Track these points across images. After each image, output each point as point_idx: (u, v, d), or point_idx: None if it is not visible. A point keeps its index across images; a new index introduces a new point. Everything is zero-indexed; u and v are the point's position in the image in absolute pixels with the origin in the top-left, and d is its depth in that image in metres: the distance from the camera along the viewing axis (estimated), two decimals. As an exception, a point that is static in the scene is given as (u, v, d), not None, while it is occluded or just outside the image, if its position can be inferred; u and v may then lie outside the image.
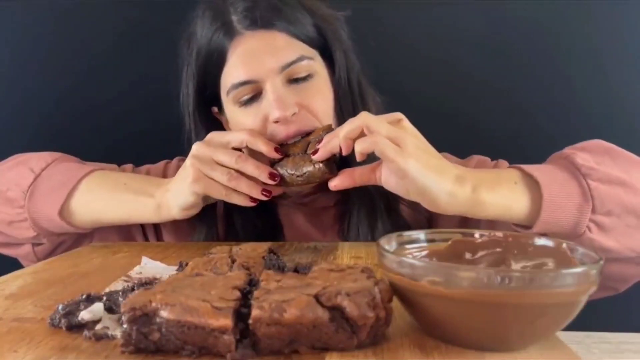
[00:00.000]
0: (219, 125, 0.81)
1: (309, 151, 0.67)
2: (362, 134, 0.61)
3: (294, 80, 0.73)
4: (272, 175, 0.67)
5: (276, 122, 0.71)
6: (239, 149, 0.70)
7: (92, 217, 0.75)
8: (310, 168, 0.66)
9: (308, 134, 0.71)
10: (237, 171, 0.67)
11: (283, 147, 0.70)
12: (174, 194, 0.70)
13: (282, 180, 0.67)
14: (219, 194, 0.68)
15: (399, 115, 0.63)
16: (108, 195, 0.74)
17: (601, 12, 1.11)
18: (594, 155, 0.63)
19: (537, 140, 1.14)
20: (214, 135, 0.70)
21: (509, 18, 1.12)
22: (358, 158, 0.61)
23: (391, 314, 0.37)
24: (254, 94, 0.73)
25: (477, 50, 1.13)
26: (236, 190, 0.68)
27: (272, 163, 0.69)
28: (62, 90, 1.16)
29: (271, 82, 0.72)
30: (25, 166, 0.77)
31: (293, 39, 0.73)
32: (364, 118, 0.61)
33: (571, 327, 0.38)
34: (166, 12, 1.11)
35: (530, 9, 1.11)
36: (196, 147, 0.69)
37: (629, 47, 1.12)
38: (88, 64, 1.15)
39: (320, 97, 0.75)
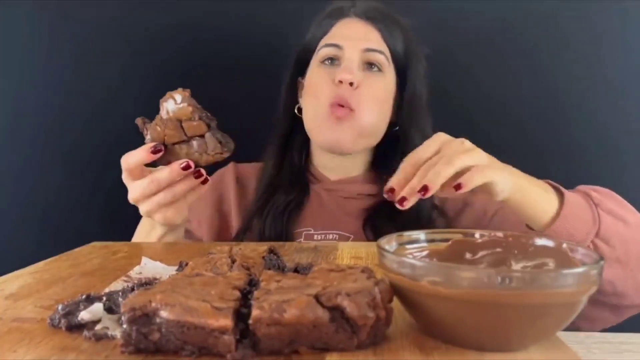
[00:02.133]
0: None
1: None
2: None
3: (370, 65, 0.89)
4: (185, 168, 0.66)
5: (340, 82, 0.85)
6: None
7: None
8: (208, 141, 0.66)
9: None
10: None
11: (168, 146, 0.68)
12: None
13: (196, 164, 0.67)
14: (179, 215, 0.72)
15: (467, 143, 0.63)
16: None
17: (603, 12, 1.11)
18: (603, 195, 0.72)
19: (537, 141, 1.14)
20: (125, 178, 0.70)
21: (509, 18, 1.12)
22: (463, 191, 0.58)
23: (391, 314, 0.37)
24: (334, 59, 0.89)
25: (477, 50, 1.13)
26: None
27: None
28: (64, 91, 1.16)
29: (350, 53, 0.88)
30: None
31: (382, 41, 0.90)
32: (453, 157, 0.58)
33: (571, 327, 0.38)
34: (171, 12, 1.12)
35: (530, 9, 1.11)
36: (132, 198, 0.70)
37: (630, 46, 1.12)
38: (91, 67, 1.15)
39: (377, 89, 0.89)
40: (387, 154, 0.93)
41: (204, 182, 0.70)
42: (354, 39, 0.89)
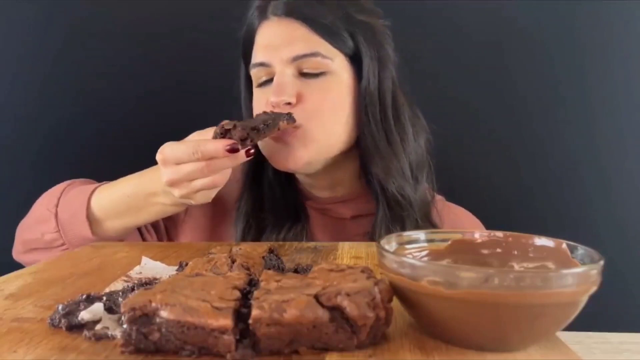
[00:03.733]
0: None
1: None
2: None
3: (307, 74, 0.75)
4: (231, 151, 0.64)
5: (273, 107, 0.74)
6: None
7: (112, 218, 0.75)
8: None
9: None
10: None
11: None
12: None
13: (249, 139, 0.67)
14: (203, 198, 0.69)
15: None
16: (114, 189, 0.75)
17: (606, 13, 1.11)
18: None
19: (538, 141, 1.14)
20: (168, 157, 0.66)
21: (508, 18, 1.12)
22: None
23: (391, 314, 0.37)
24: (269, 78, 0.76)
25: (477, 51, 1.13)
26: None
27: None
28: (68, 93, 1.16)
29: (280, 69, 0.75)
30: (44, 207, 0.78)
31: (314, 35, 0.74)
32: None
33: (571, 327, 0.38)
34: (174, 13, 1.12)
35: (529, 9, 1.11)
36: (165, 176, 0.67)
37: (631, 46, 1.12)
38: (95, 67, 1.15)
39: (324, 97, 0.75)
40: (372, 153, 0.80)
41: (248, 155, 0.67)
42: (278, 49, 0.75)
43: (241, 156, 0.66)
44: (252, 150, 0.67)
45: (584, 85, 1.12)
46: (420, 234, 0.47)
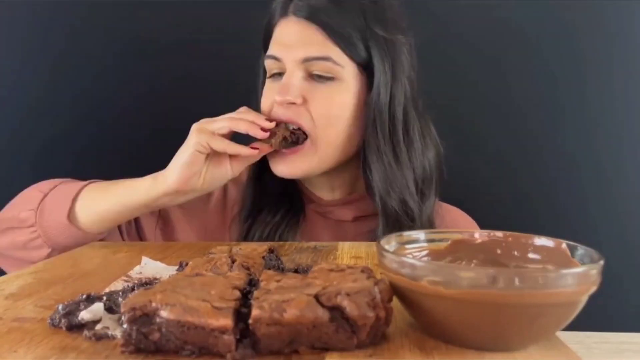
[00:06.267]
0: None
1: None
2: None
3: (315, 78, 0.76)
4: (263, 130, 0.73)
5: (279, 104, 0.76)
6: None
7: (95, 214, 0.75)
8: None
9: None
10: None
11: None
12: (176, 158, 0.73)
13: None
14: (221, 145, 0.72)
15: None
16: (106, 189, 0.76)
17: (604, 14, 1.11)
18: None
19: (537, 142, 1.14)
20: (203, 124, 0.74)
21: (505, 20, 1.12)
22: None
23: (391, 314, 0.37)
24: (280, 72, 0.79)
25: (473, 51, 1.13)
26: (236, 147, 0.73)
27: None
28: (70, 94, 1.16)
29: (290, 69, 0.77)
30: (35, 189, 0.79)
31: (328, 41, 0.75)
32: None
33: (571, 327, 0.38)
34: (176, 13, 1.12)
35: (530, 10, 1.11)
36: (193, 127, 0.73)
37: (630, 48, 1.12)
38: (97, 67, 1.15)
39: (330, 102, 0.76)
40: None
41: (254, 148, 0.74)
42: (291, 48, 0.76)
43: (261, 136, 0.74)
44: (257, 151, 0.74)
45: (583, 86, 1.12)
46: (420, 234, 0.47)
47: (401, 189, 0.77)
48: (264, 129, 0.73)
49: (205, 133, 0.72)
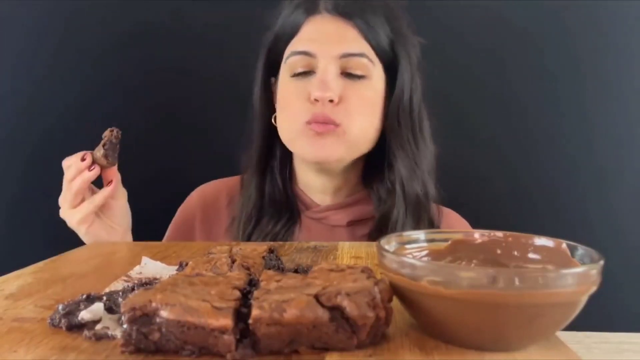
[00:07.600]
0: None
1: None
2: None
3: (347, 75, 0.77)
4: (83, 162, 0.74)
5: (315, 101, 0.75)
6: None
7: None
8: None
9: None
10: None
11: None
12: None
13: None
14: (89, 208, 0.74)
15: None
16: None
17: (603, 13, 1.11)
18: None
19: (537, 142, 1.14)
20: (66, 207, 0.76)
21: (504, 19, 1.12)
22: None
23: (391, 314, 0.37)
24: (307, 70, 0.77)
25: (472, 50, 1.13)
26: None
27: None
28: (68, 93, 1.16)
29: (324, 65, 0.76)
30: None
31: (362, 39, 0.77)
32: None
33: (571, 327, 0.38)
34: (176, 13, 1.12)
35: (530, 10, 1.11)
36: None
37: (629, 48, 1.12)
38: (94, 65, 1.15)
39: (363, 100, 0.78)
40: (378, 162, 0.84)
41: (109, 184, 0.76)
42: (327, 44, 0.76)
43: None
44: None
45: (583, 86, 1.12)
46: (420, 234, 0.47)
47: (422, 172, 0.82)
48: (82, 159, 0.74)
49: (79, 212, 0.74)
